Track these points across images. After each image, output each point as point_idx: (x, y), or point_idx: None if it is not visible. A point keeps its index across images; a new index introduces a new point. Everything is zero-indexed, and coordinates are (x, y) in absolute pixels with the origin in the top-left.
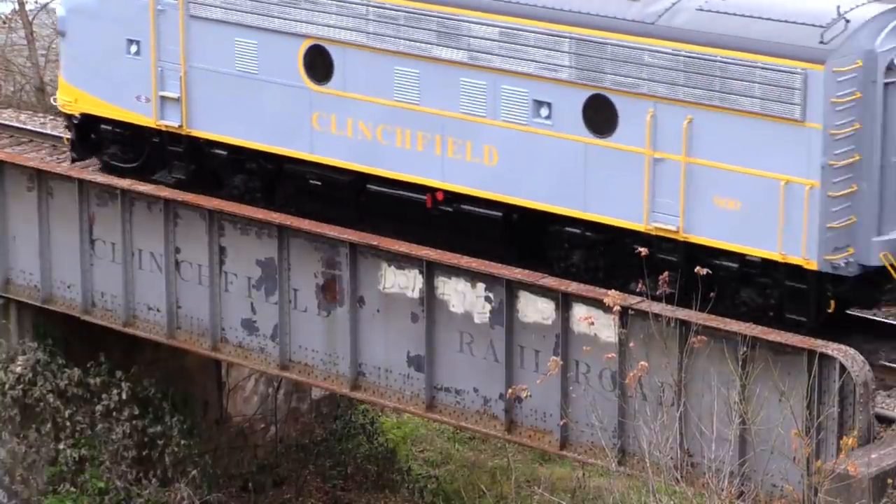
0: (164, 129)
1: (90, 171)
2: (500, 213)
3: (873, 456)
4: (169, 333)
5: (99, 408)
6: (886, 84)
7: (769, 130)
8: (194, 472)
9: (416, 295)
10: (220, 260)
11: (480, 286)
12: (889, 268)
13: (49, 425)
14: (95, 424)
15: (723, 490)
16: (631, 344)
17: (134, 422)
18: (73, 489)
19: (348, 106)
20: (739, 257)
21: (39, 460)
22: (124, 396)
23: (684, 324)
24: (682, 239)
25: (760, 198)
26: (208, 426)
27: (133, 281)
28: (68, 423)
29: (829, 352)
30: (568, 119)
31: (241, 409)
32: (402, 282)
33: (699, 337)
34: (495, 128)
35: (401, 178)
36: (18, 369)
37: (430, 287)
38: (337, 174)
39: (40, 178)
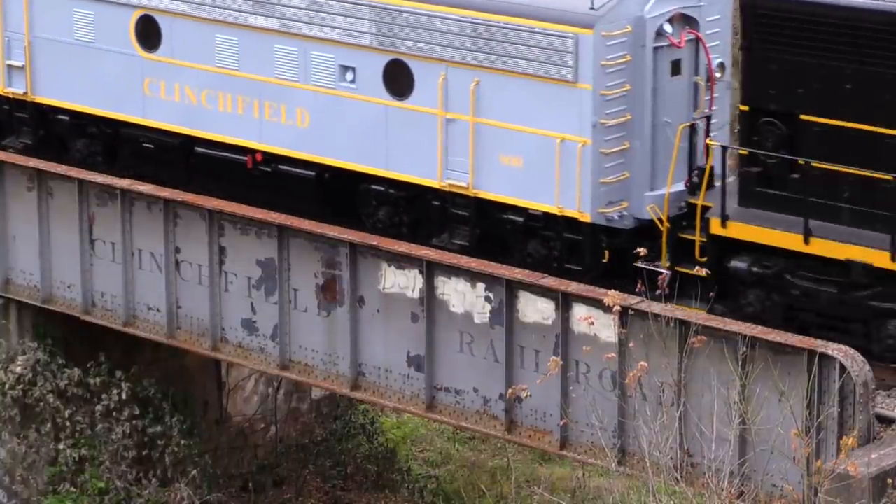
0: (11, 96)
1: (90, 171)
2: (313, 173)
3: (873, 456)
4: (169, 333)
5: (99, 408)
6: (655, 48)
7: (546, 91)
8: (194, 472)
9: (416, 295)
10: (220, 260)
11: (480, 286)
12: (656, 221)
13: (49, 425)
14: (95, 424)
15: (723, 490)
16: (631, 344)
17: (134, 422)
18: (73, 489)
19: (176, 72)
20: (524, 211)
21: (39, 460)
22: (124, 396)
23: (684, 324)
24: (472, 195)
25: (540, 155)
26: (208, 426)
27: (133, 281)
28: (68, 423)
29: (829, 352)
30: (370, 83)
31: (241, 409)
32: (402, 282)
33: (699, 337)
34: (306, 92)
35: (224, 141)
36: (18, 369)
37: (430, 287)
38: (167, 137)
39: (40, 178)
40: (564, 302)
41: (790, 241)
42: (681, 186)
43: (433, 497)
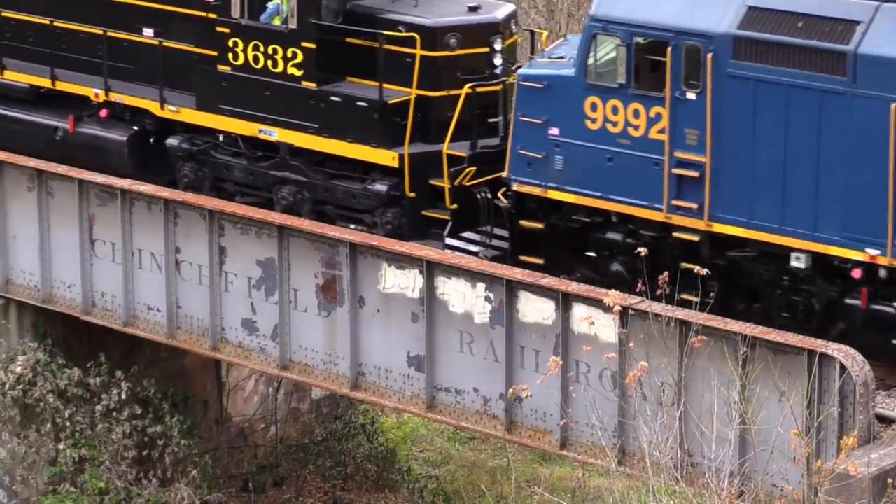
0: None
1: (90, 172)
2: None
3: (873, 456)
4: (169, 333)
5: (99, 408)
6: None
7: None
8: (194, 472)
9: (416, 295)
10: (220, 260)
11: (480, 286)
12: None
13: (49, 425)
14: (95, 424)
15: (723, 490)
16: (631, 344)
17: (134, 422)
18: (73, 489)
19: None
20: None
21: (39, 460)
22: (124, 396)
23: (684, 324)
24: None
25: None
26: (208, 426)
27: (133, 281)
28: (68, 423)
29: (830, 352)
30: None
31: (241, 409)
32: (402, 282)
33: (699, 337)
34: None
35: None
36: (18, 369)
37: (430, 287)
38: None
39: (40, 178)
40: (564, 302)
41: None
42: None
43: (433, 497)
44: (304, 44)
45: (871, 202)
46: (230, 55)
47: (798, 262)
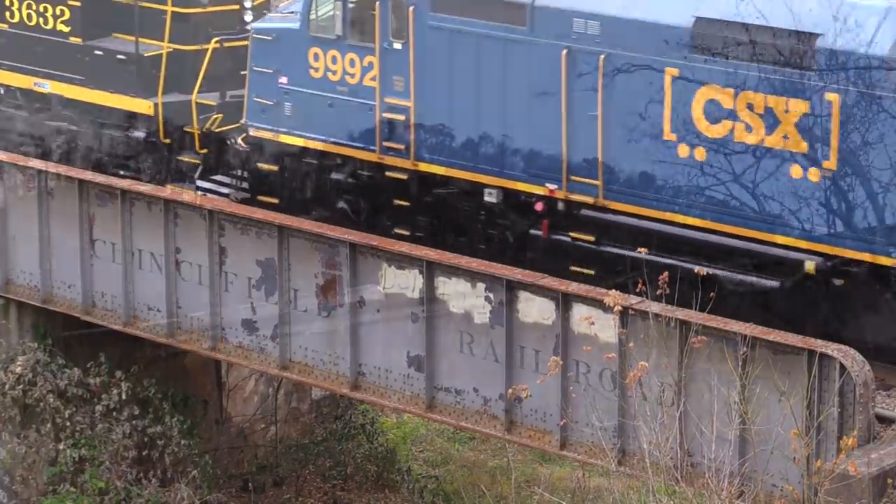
0: None
1: (90, 172)
2: None
3: (873, 456)
4: (169, 333)
5: (99, 408)
6: None
7: None
8: (194, 472)
9: (416, 295)
10: (220, 260)
11: (480, 286)
12: None
13: (49, 425)
14: (95, 424)
15: (723, 490)
16: (631, 344)
17: (134, 422)
18: (73, 489)
19: None
20: None
21: (39, 460)
22: (124, 396)
23: (684, 324)
24: None
25: None
26: (208, 426)
27: (133, 281)
28: (68, 423)
29: (829, 352)
30: None
31: (241, 409)
32: (402, 282)
33: (699, 337)
34: None
35: None
36: (18, 369)
37: (430, 287)
38: None
39: (40, 178)
40: (564, 302)
41: None
42: None
43: (433, 497)
44: (70, 2)
45: (549, 141)
46: (7, 13)
47: (491, 198)
